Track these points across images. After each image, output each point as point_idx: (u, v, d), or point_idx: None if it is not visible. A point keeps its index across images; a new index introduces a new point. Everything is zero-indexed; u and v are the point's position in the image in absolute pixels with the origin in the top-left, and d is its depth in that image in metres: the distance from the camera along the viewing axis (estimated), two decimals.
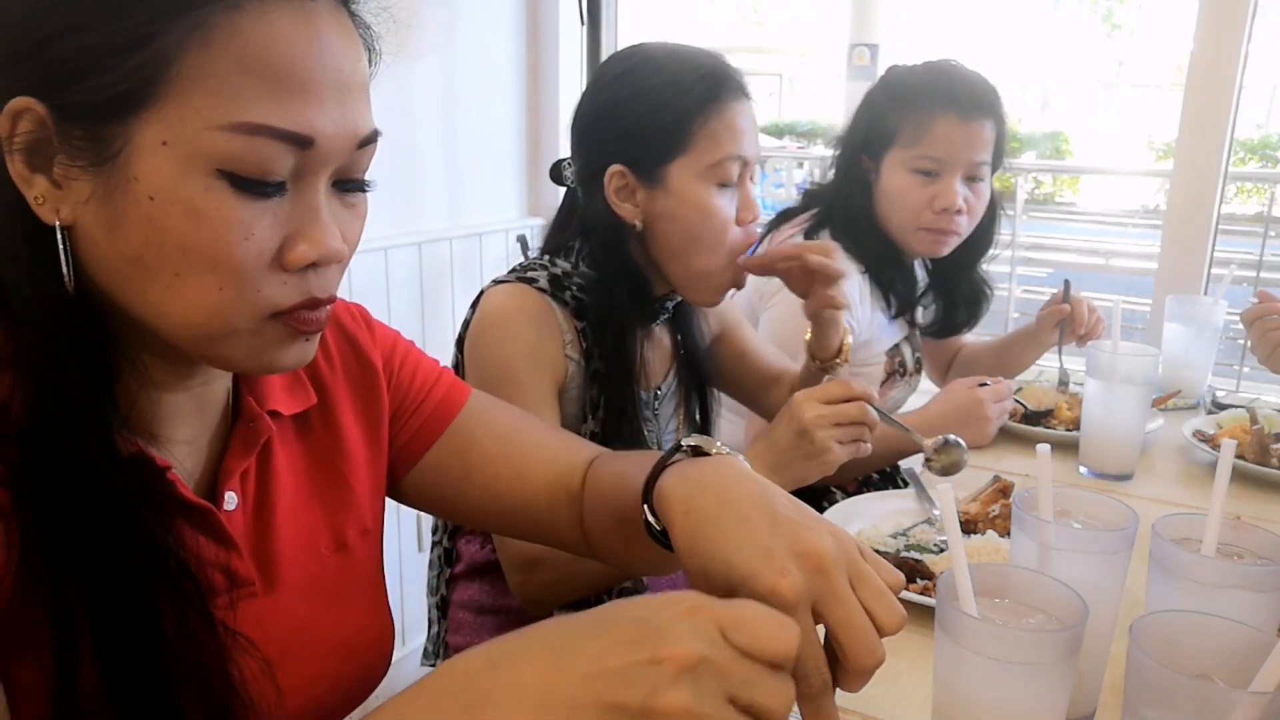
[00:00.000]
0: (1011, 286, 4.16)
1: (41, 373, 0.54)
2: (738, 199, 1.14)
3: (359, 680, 0.74)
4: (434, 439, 0.82)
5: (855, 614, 0.52)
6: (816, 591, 0.52)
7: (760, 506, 0.56)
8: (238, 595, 0.65)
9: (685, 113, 1.10)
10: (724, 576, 0.54)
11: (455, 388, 0.85)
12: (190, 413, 0.66)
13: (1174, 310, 1.72)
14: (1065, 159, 13.99)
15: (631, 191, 1.14)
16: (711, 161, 1.11)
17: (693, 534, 0.57)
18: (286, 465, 0.72)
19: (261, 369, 0.61)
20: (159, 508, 0.59)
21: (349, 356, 0.79)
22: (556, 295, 1.14)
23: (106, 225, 0.54)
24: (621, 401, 1.13)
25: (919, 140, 1.49)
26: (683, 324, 1.29)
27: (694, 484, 0.60)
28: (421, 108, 2.20)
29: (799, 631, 0.47)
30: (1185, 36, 1.99)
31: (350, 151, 0.59)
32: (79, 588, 0.54)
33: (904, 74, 1.55)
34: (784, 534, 0.54)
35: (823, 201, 1.61)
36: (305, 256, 0.57)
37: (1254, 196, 8.94)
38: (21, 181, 0.54)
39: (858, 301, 1.52)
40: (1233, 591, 0.71)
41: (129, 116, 0.53)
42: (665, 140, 1.11)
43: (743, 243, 1.15)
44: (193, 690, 0.58)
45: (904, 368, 1.64)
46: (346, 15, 0.59)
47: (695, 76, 1.11)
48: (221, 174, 0.54)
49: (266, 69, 0.53)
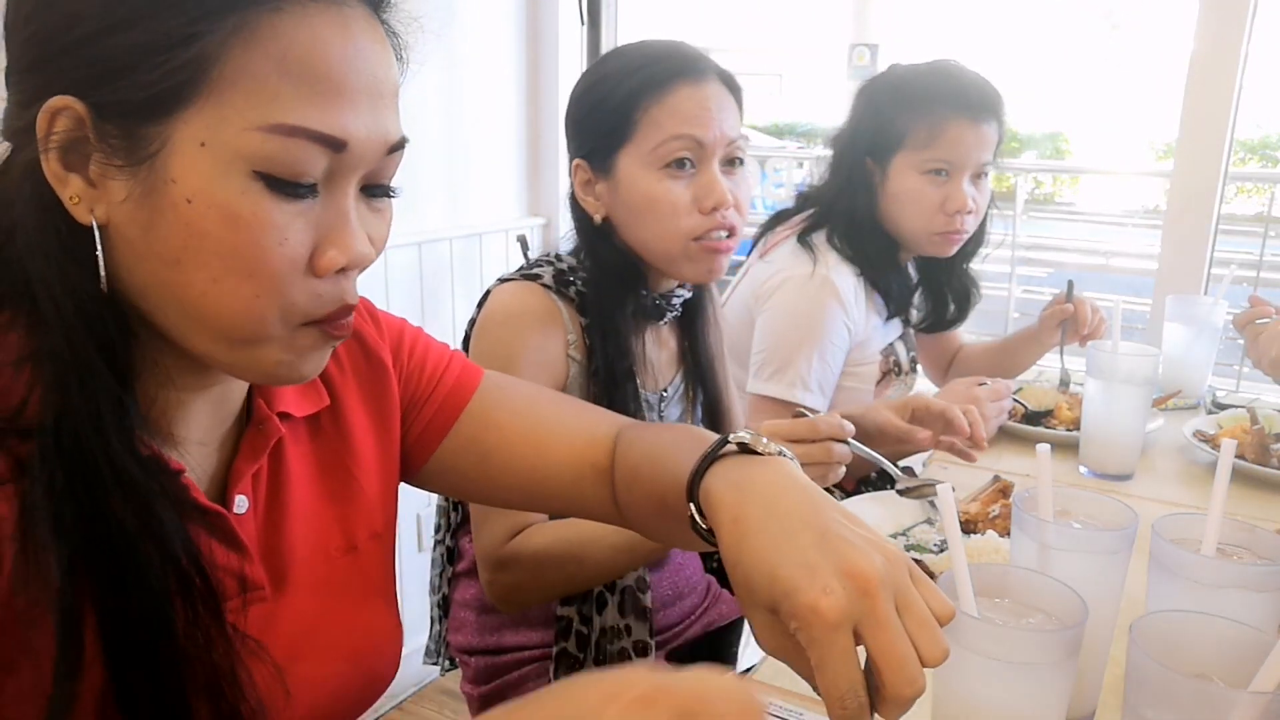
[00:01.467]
0: (1011, 286, 4.16)
1: (67, 370, 0.54)
2: (696, 184, 1.11)
3: (367, 682, 0.74)
4: (450, 424, 0.82)
5: (898, 640, 0.51)
6: (859, 614, 0.51)
7: (809, 522, 0.55)
8: (247, 599, 0.65)
9: (628, 98, 1.10)
10: (766, 590, 0.54)
11: (467, 370, 0.84)
12: (206, 414, 0.66)
13: (1174, 310, 1.72)
14: (1065, 159, 13.99)
15: (593, 184, 1.15)
16: (655, 145, 1.09)
17: (738, 544, 0.57)
18: (298, 467, 0.72)
19: (286, 378, 0.61)
20: (175, 508, 0.58)
21: (357, 355, 0.79)
22: (561, 291, 1.14)
23: (143, 227, 0.54)
24: (622, 397, 1.13)
25: (932, 143, 1.48)
26: (690, 326, 1.28)
27: (743, 491, 0.60)
28: (421, 108, 2.21)
29: (764, 710, 0.46)
30: (1185, 36, 1.98)
31: (380, 157, 0.59)
32: (93, 588, 0.54)
33: (909, 75, 1.54)
34: (831, 552, 0.53)
35: (820, 203, 1.61)
36: (335, 262, 0.57)
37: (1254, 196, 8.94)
38: (56, 180, 0.54)
39: (853, 302, 1.52)
40: (1233, 591, 0.71)
41: (168, 116, 0.53)
42: (612, 129, 1.11)
43: (703, 227, 1.11)
44: (203, 694, 0.58)
45: (899, 367, 1.64)
46: (378, 22, 0.60)
47: (643, 62, 1.11)
48: (257, 175, 0.54)
49: (305, 71, 0.54)
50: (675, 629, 1.28)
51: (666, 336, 1.27)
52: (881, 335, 1.61)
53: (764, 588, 0.54)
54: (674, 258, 1.14)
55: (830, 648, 0.50)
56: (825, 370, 1.49)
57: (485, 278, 2.39)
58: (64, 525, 0.53)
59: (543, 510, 0.86)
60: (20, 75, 0.56)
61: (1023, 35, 19.94)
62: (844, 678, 0.50)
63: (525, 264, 1.21)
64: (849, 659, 0.51)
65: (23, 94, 0.55)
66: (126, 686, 0.55)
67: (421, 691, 2.33)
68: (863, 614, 0.51)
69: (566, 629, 1.13)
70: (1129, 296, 1.81)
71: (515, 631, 1.21)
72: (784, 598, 0.52)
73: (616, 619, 1.12)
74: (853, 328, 1.52)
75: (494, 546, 1.06)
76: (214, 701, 0.58)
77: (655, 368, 1.23)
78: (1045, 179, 12.71)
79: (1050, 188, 13.14)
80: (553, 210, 2.60)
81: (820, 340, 1.48)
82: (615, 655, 1.12)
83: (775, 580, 0.53)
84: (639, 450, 0.78)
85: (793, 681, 0.88)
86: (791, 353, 1.47)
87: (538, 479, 0.82)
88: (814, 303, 1.49)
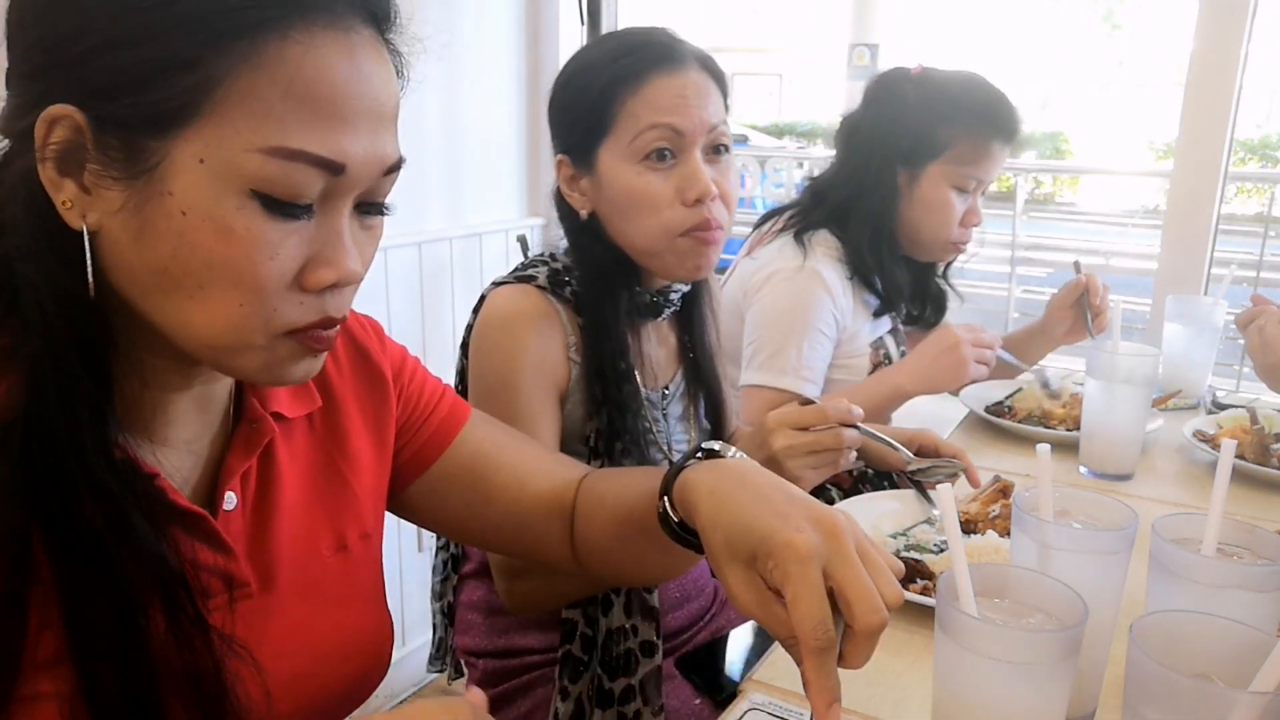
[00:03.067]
0: (1011, 286, 4.16)
1: (46, 371, 0.55)
2: (679, 175, 1.07)
3: (355, 682, 0.74)
4: (439, 453, 0.84)
5: (863, 575, 0.56)
6: (828, 553, 0.57)
7: (778, 487, 0.62)
8: (233, 597, 0.66)
9: (603, 92, 1.07)
10: (744, 540, 0.59)
11: (458, 405, 0.87)
12: (191, 414, 0.66)
13: (1174, 310, 1.72)
14: (1065, 159, 13.99)
15: (576, 180, 1.14)
16: (633, 137, 1.06)
17: (716, 509, 0.63)
18: (288, 467, 0.72)
19: (271, 381, 0.63)
20: (149, 513, 0.59)
21: (359, 363, 0.80)
22: (556, 292, 1.13)
23: (134, 235, 0.55)
24: (622, 396, 1.12)
25: (975, 160, 1.51)
26: (689, 324, 1.26)
27: (717, 472, 0.66)
28: (422, 108, 2.21)
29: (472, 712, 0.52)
30: (1185, 36, 1.99)
31: (377, 177, 0.60)
32: (60, 588, 0.54)
33: (950, 86, 1.53)
34: (801, 504, 0.60)
35: (834, 200, 1.58)
36: (325, 279, 0.58)
37: (1254, 196, 8.94)
38: (51, 186, 0.55)
39: (840, 293, 1.53)
40: (1233, 591, 0.71)
41: (169, 133, 0.53)
42: (590, 123, 1.09)
43: (688, 220, 1.07)
44: (182, 694, 0.58)
45: (889, 360, 1.64)
46: (383, 44, 0.60)
47: (618, 54, 1.08)
48: (255, 194, 0.54)
49: (308, 96, 0.54)
50: (684, 635, 1.28)
51: (666, 333, 1.25)
52: (870, 329, 1.61)
53: (742, 538, 0.60)
54: (659, 253, 1.10)
55: (804, 580, 0.56)
56: (815, 356, 1.49)
57: (485, 278, 2.39)
58: (32, 527, 0.53)
59: (506, 548, 0.88)
60: (22, 79, 0.56)
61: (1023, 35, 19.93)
62: (817, 608, 0.55)
63: (520, 265, 1.20)
64: (821, 592, 0.56)
65: (24, 98, 0.55)
66: (95, 686, 0.55)
67: (421, 692, 2.33)
68: (831, 553, 0.57)
69: (571, 632, 1.12)
70: (1129, 296, 1.81)
71: (524, 634, 1.20)
72: (760, 541, 0.58)
73: (623, 620, 1.11)
74: (840, 317, 1.53)
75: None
76: (191, 701, 0.58)
77: (656, 365, 1.21)
78: (1045, 179, 12.71)
79: (1050, 188, 13.15)
80: (552, 210, 2.59)
81: (810, 328, 1.48)
82: (621, 656, 1.11)
83: (752, 529, 0.59)
84: (606, 482, 0.84)
85: (793, 681, 0.88)
86: (782, 341, 1.48)
87: (517, 512, 0.85)
88: (803, 292, 1.49)
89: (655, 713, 1.13)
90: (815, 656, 0.55)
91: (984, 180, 1.54)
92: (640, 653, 1.12)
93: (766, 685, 0.88)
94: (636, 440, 1.13)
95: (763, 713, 0.83)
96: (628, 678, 1.11)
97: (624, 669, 1.11)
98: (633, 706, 1.11)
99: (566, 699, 1.11)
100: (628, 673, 1.11)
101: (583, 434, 1.13)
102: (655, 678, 1.13)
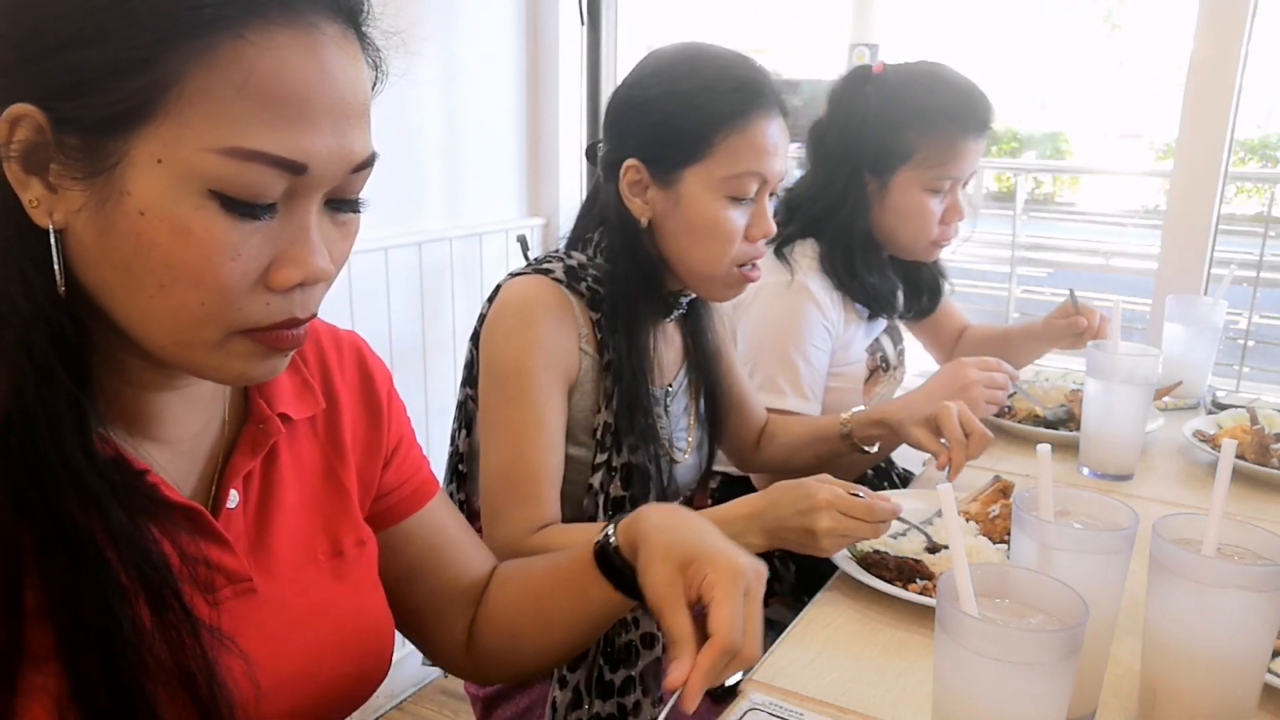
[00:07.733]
0: (1011, 286, 4.16)
1: (24, 367, 0.55)
2: (751, 213, 1.14)
3: (356, 681, 0.74)
4: (412, 512, 0.84)
5: (756, 616, 0.68)
6: (749, 585, 0.68)
7: (721, 531, 0.74)
8: (231, 591, 0.66)
9: (710, 121, 1.09)
10: (684, 547, 0.70)
11: (431, 477, 0.88)
12: (182, 413, 0.66)
13: (1174, 310, 1.72)
14: (1065, 159, 13.98)
15: (644, 187, 1.14)
16: (728, 174, 1.10)
17: (669, 524, 0.73)
18: (291, 468, 0.73)
19: (234, 380, 0.62)
20: (137, 509, 0.59)
21: (359, 371, 0.80)
22: (572, 286, 1.14)
23: (96, 234, 0.55)
24: (634, 394, 1.13)
25: (943, 162, 1.46)
26: (694, 324, 1.29)
27: (670, 509, 0.76)
28: (421, 108, 2.20)
29: None
30: (1185, 36, 1.98)
31: (344, 175, 0.59)
32: (46, 584, 0.54)
33: (908, 85, 1.49)
34: (739, 548, 0.71)
35: (808, 214, 1.55)
36: (291, 278, 0.58)
37: (1254, 196, 8.94)
38: (17, 184, 0.55)
39: (829, 304, 1.51)
40: (1233, 591, 0.71)
41: (127, 132, 0.53)
42: (686, 145, 1.10)
43: (747, 255, 1.15)
44: (171, 689, 0.58)
45: (886, 363, 1.63)
46: (355, 39, 0.59)
47: (728, 85, 1.10)
48: (213, 194, 0.54)
49: (266, 96, 0.54)
50: None
51: (672, 333, 1.28)
52: (865, 333, 1.60)
53: (683, 545, 0.70)
54: (713, 278, 1.16)
55: (733, 593, 0.66)
56: (812, 373, 1.48)
57: (485, 277, 2.39)
58: (12, 523, 0.54)
59: (410, 628, 0.87)
60: None
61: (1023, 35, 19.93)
62: (738, 616, 0.65)
63: (534, 259, 1.21)
64: (741, 607, 0.66)
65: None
66: (81, 680, 0.55)
67: (421, 691, 2.33)
68: (749, 584, 0.68)
69: None
70: (1129, 296, 1.81)
71: None
72: (703, 553, 0.69)
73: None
74: (831, 329, 1.51)
75: (516, 539, 1.07)
76: (181, 696, 0.58)
77: (662, 364, 1.23)
78: (1045, 179, 12.68)
79: (1050, 188, 13.13)
80: (552, 210, 2.60)
81: (803, 344, 1.47)
82: (622, 649, 1.12)
83: (699, 545, 0.70)
84: (524, 560, 0.88)
85: (793, 682, 0.88)
86: (777, 361, 1.46)
87: (457, 588, 0.86)
88: (792, 308, 1.47)
89: (655, 704, 1.14)
90: (719, 654, 0.63)
91: (959, 178, 1.50)
92: (641, 644, 1.13)
93: (766, 685, 0.88)
94: (644, 438, 1.14)
95: (763, 712, 0.83)
96: (628, 669, 1.12)
97: (625, 660, 1.12)
98: (632, 697, 1.12)
99: (564, 688, 1.12)
100: (628, 664, 1.12)
101: (590, 427, 1.15)
102: (655, 670, 1.14)
